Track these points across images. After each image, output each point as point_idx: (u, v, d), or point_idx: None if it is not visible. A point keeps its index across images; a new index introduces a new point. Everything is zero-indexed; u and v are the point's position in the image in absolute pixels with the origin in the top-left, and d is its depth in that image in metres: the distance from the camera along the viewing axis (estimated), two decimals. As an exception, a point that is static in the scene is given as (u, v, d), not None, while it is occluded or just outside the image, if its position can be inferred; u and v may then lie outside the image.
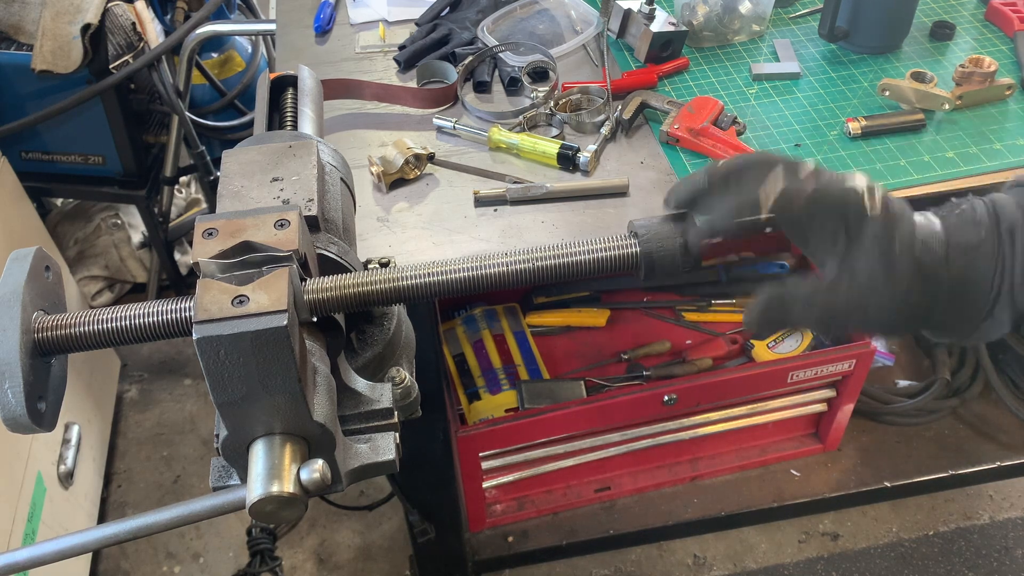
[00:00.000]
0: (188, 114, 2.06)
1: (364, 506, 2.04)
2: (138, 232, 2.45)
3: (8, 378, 0.55)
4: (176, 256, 2.39)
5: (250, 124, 2.06)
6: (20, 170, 1.89)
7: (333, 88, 1.40)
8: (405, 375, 0.70)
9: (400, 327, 0.75)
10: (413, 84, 1.47)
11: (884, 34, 1.48)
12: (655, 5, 1.46)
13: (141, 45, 1.95)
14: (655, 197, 1.25)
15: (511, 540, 1.81)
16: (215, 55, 2.25)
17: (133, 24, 1.94)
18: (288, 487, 0.55)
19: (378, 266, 0.72)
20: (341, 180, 0.77)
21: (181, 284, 2.40)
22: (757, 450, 1.90)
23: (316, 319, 0.63)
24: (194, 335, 0.53)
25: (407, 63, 1.49)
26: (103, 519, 2.04)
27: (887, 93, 1.37)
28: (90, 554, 1.93)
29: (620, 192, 1.25)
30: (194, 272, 0.58)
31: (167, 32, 2.05)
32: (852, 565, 1.92)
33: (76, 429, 1.91)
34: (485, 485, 1.76)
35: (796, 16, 1.59)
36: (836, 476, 1.89)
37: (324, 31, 1.61)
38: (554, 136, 1.34)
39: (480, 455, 1.67)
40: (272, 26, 1.77)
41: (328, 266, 0.67)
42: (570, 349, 1.92)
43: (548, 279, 0.65)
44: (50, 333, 0.59)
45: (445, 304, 1.99)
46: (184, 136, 2.09)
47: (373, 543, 2.01)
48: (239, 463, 0.59)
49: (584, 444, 1.74)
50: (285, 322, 0.53)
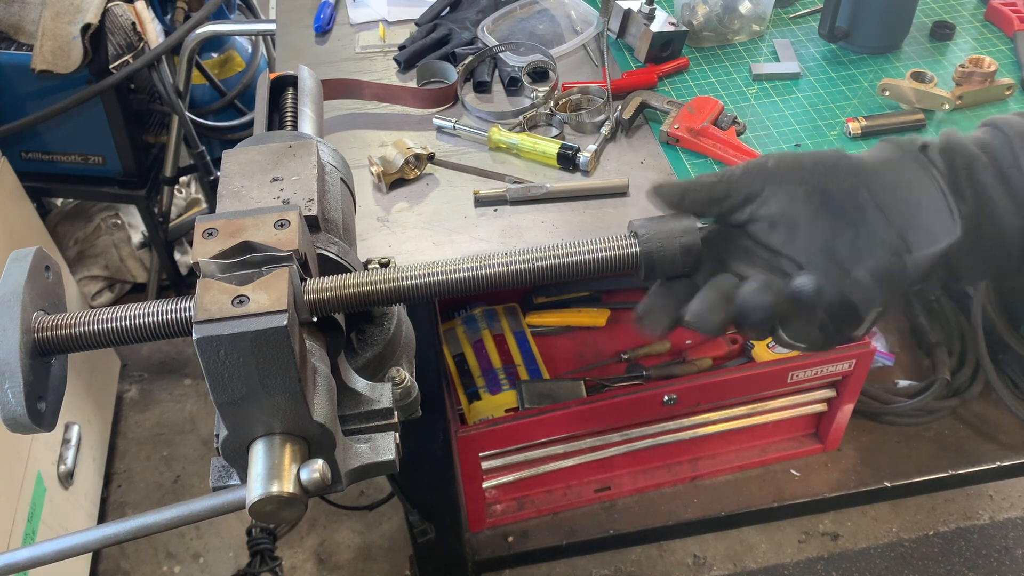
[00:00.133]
0: (188, 114, 2.06)
1: (364, 506, 2.04)
2: (138, 232, 2.45)
3: (8, 378, 0.55)
4: (176, 256, 2.39)
5: (250, 124, 2.06)
6: (20, 170, 1.90)
7: (333, 88, 1.40)
8: (405, 375, 0.70)
9: (400, 327, 0.75)
10: (413, 84, 1.47)
11: (884, 34, 1.48)
12: (655, 5, 1.46)
13: (141, 45, 1.95)
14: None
15: (511, 540, 1.81)
16: (215, 55, 2.25)
17: (133, 24, 1.94)
18: (288, 487, 0.55)
19: (378, 266, 0.72)
20: (341, 180, 0.77)
21: (181, 284, 2.40)
22: (757, 450, 1.90)
23: (316, 319, 0.63)
24: (194, 335, 0.53)
25: (407, 63, 1.49)
26: (103, 519, 2.04)
27: (887, 93, 1.37)
28: (90, 554, 1.93)
29: (620, 192, 1.25)
30: (194, 272, 0.58)
31: (167, 32, 2.05)
32: (852, 565, 1.92)
33: (76, 429, 1.91)
34: (485, 485, 1.76)
35: (796, 16, 1.59)
36: (836, 476, 1.89)
37: (324, 31, 1.61)
38: (554, 136, 1.34)
39: (480, 455, 1.67)
40: (272, 26, 1.77)
41: (328, 266, 0.67)
42: (570, 349, 1.92)
43: (548, 279, 0.65)
44: (50, 333, 0.59)
45: (445, 304, 1.99)
46: (184, 136, 2.09)
47: (373, 543, 2.01)
48: (239, 463, 0.59)
49: (584, 444, 1.74)
50: (285, 322, 0.53)
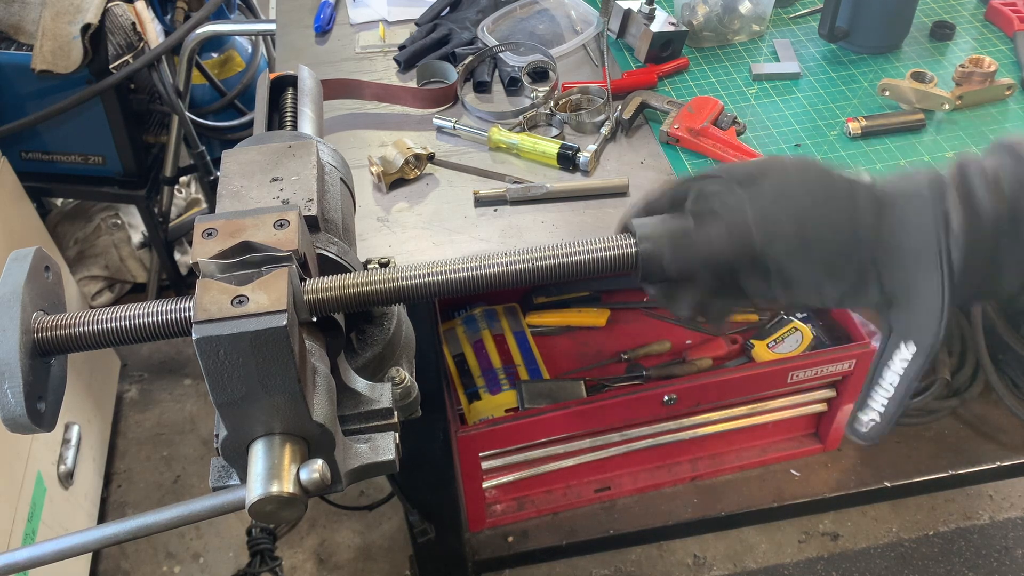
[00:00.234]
0: (188, 114, 2.06)
1: (364, 506, 2.04)
2: (138, 232, 2.45)
3: (8, 378, 0.55)
4: (176, 256, 2.39)
5: (250, 124, 2.06)
6: (20, 170, 1.89)
7: (333, 88, 1.40)
8: (405, 375, 0.70)
9: (400, 327, 0.75)
10: (413, 84, 1.47)
11: (884, 34, 1.48)
12: (655, 5, 1.46)
13: (141, 45, 1.95)
14: (655, 197, 1.25)
15: (511, 540, 1.81)
16: (215, 55, 2.25)
17: (133, 24, 1.94)
18: (288, 487, 0.55)
19: (378, 266, 0.72)
20: (341, 180, 0.77)
21: (181, 284, 2.40)
22: (757, 450, 1.90)
23: (316, 319, 0.63)
24: (194, 335, 0.53)
25: (407, 63, 1.49)
26: (103, 519, 2.04)
27: (887, 93, 1.37)
28: (90, 554, 1.93)
29: (620, 192, 1.25)
30: (194, 272, 0.58)
31: (167, 32, 2.05)
32: (852, 565, 1.92)
33: (76, 429, 1.91)
34: (485, 485, 1.76)
35: (796, 16, 1.59)
36: (836, 476, 1.89)
37: (324, 31, 1.61)
38: (554, 136, 1.34)
39: (480, 455, 1.67)
40: (272, 26, 1.77)
41: (328, 266, 0.67)
42: (570, 349, 1.92)
43: (548, 279, 0.65)
44: (50, 333, 0.59)
45: (445, 304, 1.99)
46: (184, 136, 2.09)
47: (373, 543, 2.01)
48: (239, 463, 0.59)
49: (584, 444, 1.74)
50: (285, 322, 0.53)
